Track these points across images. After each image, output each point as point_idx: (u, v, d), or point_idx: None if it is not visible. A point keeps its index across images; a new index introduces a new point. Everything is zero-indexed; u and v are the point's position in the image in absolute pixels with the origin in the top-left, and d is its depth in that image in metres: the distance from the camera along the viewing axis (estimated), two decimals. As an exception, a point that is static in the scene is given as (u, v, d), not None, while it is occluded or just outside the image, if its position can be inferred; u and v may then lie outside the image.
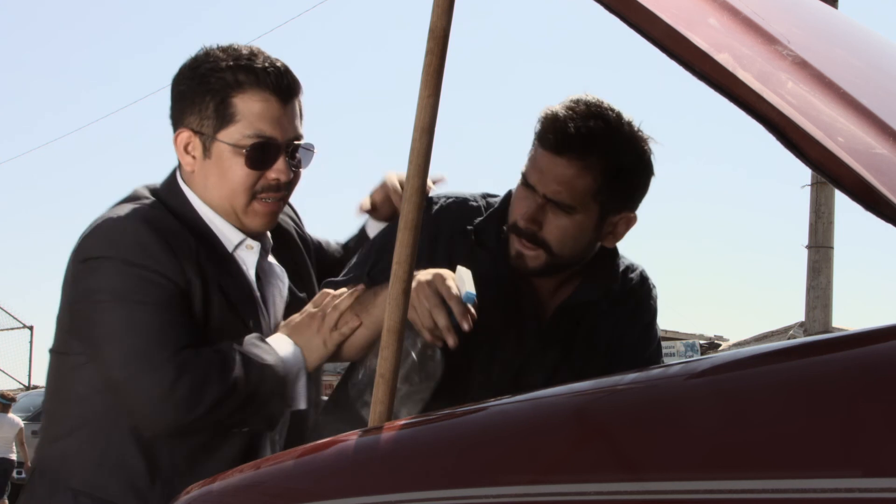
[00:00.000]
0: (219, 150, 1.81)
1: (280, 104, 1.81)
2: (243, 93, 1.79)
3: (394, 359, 1.36)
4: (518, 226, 1.87)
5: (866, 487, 0.78)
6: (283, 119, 1.81)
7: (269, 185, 1.82)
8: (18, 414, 14.85)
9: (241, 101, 1.79)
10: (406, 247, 1.38)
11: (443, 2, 1.39)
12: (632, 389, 1.03)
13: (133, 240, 1.74)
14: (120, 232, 1.76)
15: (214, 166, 1.82)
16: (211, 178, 1.83)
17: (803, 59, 1.03)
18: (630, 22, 1.09)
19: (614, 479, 0.94)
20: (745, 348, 0.97)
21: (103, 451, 1.78)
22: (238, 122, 1.79)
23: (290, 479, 1.32)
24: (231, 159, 1.80)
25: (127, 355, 1.70)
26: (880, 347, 0.85)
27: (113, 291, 1.73)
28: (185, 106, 1.84)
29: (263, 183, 1.82)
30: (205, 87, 1.80)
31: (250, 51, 1.84)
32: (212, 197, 1.85)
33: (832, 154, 0.92)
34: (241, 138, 1.78)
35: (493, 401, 1.16)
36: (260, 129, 1.79)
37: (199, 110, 1.81)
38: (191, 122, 1.83)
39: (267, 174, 1.82)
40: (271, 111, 1.80)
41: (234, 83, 1.79)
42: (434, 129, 1.42)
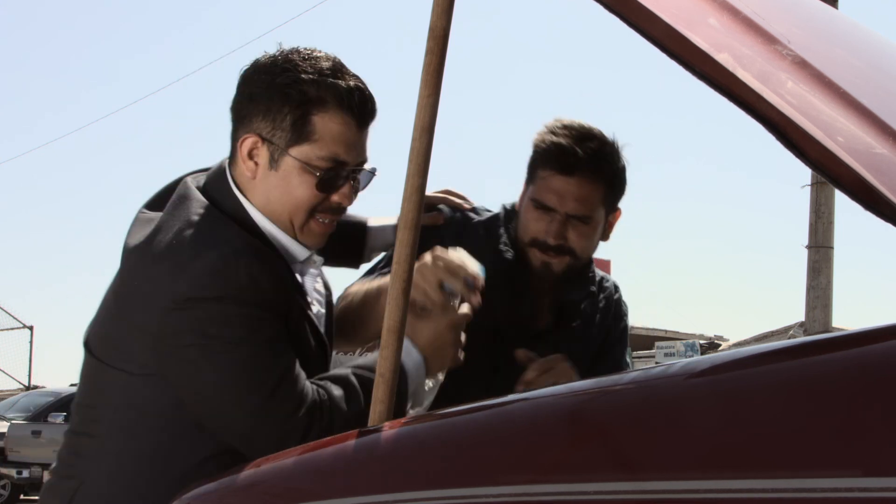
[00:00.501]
0: (288, 165, 1.74)
1: (357, 128, 1.76)
2: (325, 112, 1.73)
3: (394, 358, 1.36)
4: (547, 243, 2.14)
5: (866, 487, 0.78)
6: (358, 143, 1.77)
7: (330, 207, 1.77)
8: (18, 414, 14.87)
9: (322, 120, 1.72)
10: (406, 246, 1.38)
11: (443, 2, 1.39)
12: (631, 389, 1.03)
13: (245, 277, 1.64)
14: (227, 268, 1.64)
15: (280, 179, 1.75)
16: (274, 191, 1.76)
17: (803, 59, 1.03)
18: (630, 22, 1.09)
19: (614, 479, 0.94)
20: (745, 348, 0.97)
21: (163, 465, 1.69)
22: (315, 141, 1.72)
23: (290, 479, 1.32)
24: (300, 177, 1.74)
25: (246, 409, 1.61)
26: (880, 347, 0.85)
27: (221, 336, 1.62)
28: (256, 110, 1.75)
29: (326, 204, 1.77)
30: (283, 97, 1.73)
31: (333, 64, 1.76)
32: (272, 209, 1.77)
33: (832, 154, 0.92)
34: (314, 158, 1.72)
35: (492, 401, 1.16)
36: (335, 152, 1.73)
37: (274, 119, 1.73)
38: (261, 128, 1.75)
39: (331, 196, 1.76)
40: (348, 135, 1.74)
41: (317, 100, 1.72)
42: (434, 129, 1.42)
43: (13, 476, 13.79)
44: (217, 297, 1.62)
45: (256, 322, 1.63)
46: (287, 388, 1.61)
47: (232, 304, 1.62)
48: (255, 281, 1.64)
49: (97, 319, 1.80)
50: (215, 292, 1.62)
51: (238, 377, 1.61)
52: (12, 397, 17.67)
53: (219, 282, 1.62)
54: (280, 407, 1.59)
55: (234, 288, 1.63)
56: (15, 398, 16.95)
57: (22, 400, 16.15)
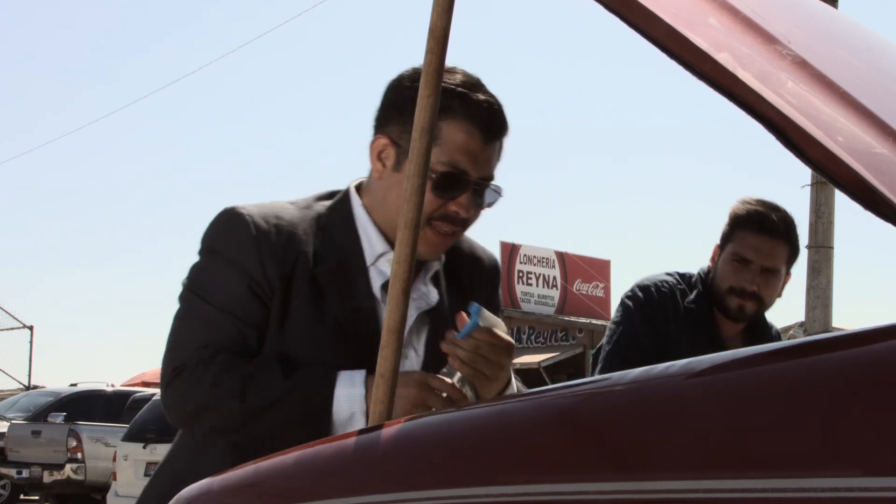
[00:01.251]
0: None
1: (482, 141, 1.79)
2: (451, 119, 1.77)
3: (394, 358, 1.36)
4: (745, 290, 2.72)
5: (866, 487, 0.78)
6: (481, 156, 1.79)
7: (447, 215, 1.80)
8: (18, 414, 14.86)
9: (447, 126, 1.76)
10: (406, 246, 1.38)
11: (443, 2, 1.39)
12: (631, 389, 1.03)
13: (223, 226, 1.83)
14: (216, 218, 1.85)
15: (401, 181, 1.77)
16: (393, 192, 1.81)
17: (803, 59, 1.03)
18: (630, 22, 1.09)
19: (614, 479, 0.94)
20: (746, 348, 0.97)
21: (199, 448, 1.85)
22: (437, 146, 1.73)
23: (290, 479, 1.32)
24: None
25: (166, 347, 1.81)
26: (880, 347, 0.85)
27: (190, 280, 1.83)
28: (391, 114, 1.83)
29: (443, 212, 1.79)
30: (414, 102, 1.75)
31: (470, 79, 1.82)
32: (388, 209, 1.82)
33: (832, 154, 0.92)
34: (434, 162, 1.74)
35: (492, 401, 1.16)
36: (455, 159, 1.77)
37: (404, 123, 1.77)
38: (392, 131, 1.82)
39: (449, 204, 1.79)
40: (471, 145, 1.78)
41: (446, 106, 1.74)
42: (434, 129, 1.42)
43: (13, 476, 13.78)
44: (206, 248, 1.82)
45: (218, 272, 1.79)
46: (184, 340, 1.77)
47: (206, 253, 1.83)
48: (231, 234, 1.80)
49: None
50: (205, 243, 1.83)
51: (175, 324, 1.81)
52: (12, 397, 17.67)
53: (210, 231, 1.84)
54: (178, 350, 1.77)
55: (212, 236, 1.82)
56: (15, 398, 16.95)
57: (22, 400, 16.14)
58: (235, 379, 1.71)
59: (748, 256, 2.72)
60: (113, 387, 15.53)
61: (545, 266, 22.57)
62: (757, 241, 2.72)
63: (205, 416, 1.75)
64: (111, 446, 12.49)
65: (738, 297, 2.74)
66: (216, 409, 1.74)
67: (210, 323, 1.77)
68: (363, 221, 1.86)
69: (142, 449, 10.90)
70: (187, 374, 1.73)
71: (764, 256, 2.72)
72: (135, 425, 11.37)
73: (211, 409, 1.74)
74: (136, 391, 15.01)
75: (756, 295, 2.73)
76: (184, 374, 1.73)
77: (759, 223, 2.73)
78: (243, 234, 1.78)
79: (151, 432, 10.98)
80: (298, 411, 1.71)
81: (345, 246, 1.83)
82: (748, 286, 2.72)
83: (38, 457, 13.61)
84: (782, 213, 2.76)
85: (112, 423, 13.44)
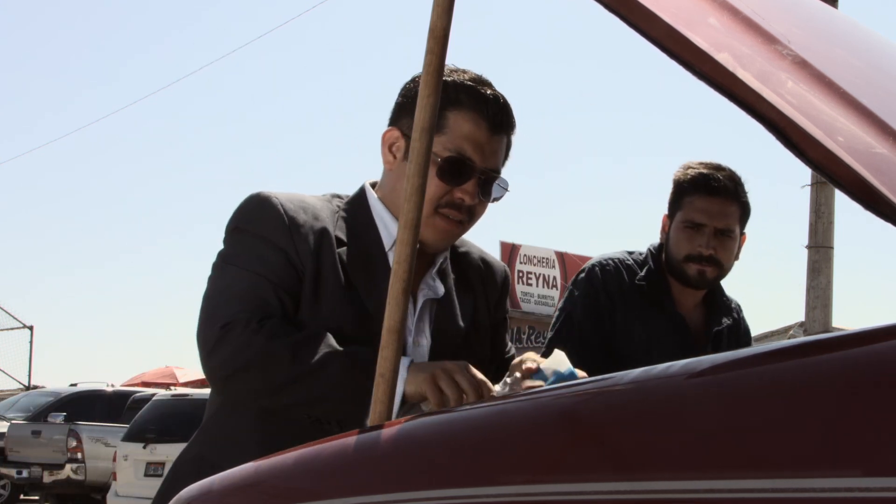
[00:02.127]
0: None
1: (488, 132, 1.86)
2: (458, 110, 1.85)
3: (394, 358, 1.37)
4: (702, 255, 2.64)
5: (866, 487, 0.78)
6: (486, 147, 1.86)
7: (452, 202, 1.86)
8: (18, 414, 14.86)
9: (454, 116, 1.85)
10: (406, 246, 1.38)
11: (443, 2, 1.39)
12: (631, 389, 1.03)
13: (253, 207, 1.87)
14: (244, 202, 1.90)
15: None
16: (403, 181, 1.78)
17: (803, 59, 1.03)
18: (630, 22, 1.09)
19: (614, 479, 0.94)
20: (746, 348, 0.97)
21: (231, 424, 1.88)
22: (444, 134, 1.83)
23: (290, 479, 1.32)
24: None
25: (203, 310, 1.83)
26: (880, 347, 0.85)
27: (222, 255, 1.88)
28: (403, 108, 1.91)
29: (448, 198, 1.86)
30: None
31: (480, 77, 1.91)
32: (397, 197, 1.87)
33: (832, 154, 0.92)
34: (440, 150, 1.82)
35: (493, 401, 1.16)
36: (461, 146, 1.84)
37: (414, 114, 1.81)
38: (403, 124, 1.89)
39: (454, 191, 1.86)
40: (477, 135, 1.85)
41: (454, 99, 1.84)
42: (434, 129, 1.42)
43: (13, 476, 13.77)
44: (235, 228, 1.87)
45: (251, 247, 1.83)
46: (226, 300, 1.79)
47: (235, 232, 1.87)
48: (262, 214, 1.84)
49: None
50: (234, 224, 1.88)
51: (211, 288, 1.84)
52: (12, 397, 17.67)
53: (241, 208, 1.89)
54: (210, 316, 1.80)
55: (240, 216, 1.87)
56: (15, 398, 16.95)
57: (22, 400, 16.14)
58: (288, 339, 1.74)
59: (700, 220, 2.66)
60: (113, 387, 15.53)
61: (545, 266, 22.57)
62: (706, 204, 2.66)
63: (253, 372, 1.75)
64: (111, 446, 12.50)
65: (695, 264, 2.67)
66: (267, 365, 1.74)
67: (250, 286, 1.80)
68: (378, 210, 1.93)
69: (142, 449, 10.91)
70: (239, 329, 1.75)
71: (715, 218, 2.65)
72: (135, 425, 11.37)
73: (261, 365, 1.74)
74: (136, 391, 15.01)
75: (713, 259, 2.66)
76: (235, 329, 1.75)
77: (706, 185, 2.66)
78: (273, 214, 1.84)
79: (151, 432, 10.99)
80: (345, 378, 1.71)
81: (364, 232, 1.90)
82: (704, 250, 2.65)
83: (38, 457, 13.61)
84: (727, 172, 2.69)
85: (112, 423, 13.44)
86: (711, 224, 2.64)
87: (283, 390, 1.76)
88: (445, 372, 1.67)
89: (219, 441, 1.87)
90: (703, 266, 2.66)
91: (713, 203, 2.65)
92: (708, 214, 2.65)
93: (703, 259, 2.65)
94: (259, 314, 1.77)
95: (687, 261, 2.67)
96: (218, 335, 1.77)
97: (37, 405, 14.83)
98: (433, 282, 1.97)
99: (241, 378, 1.78)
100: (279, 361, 1.73)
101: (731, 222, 2.66)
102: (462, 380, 1.65)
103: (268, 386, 1.76)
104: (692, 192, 2.67)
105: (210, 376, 1.84)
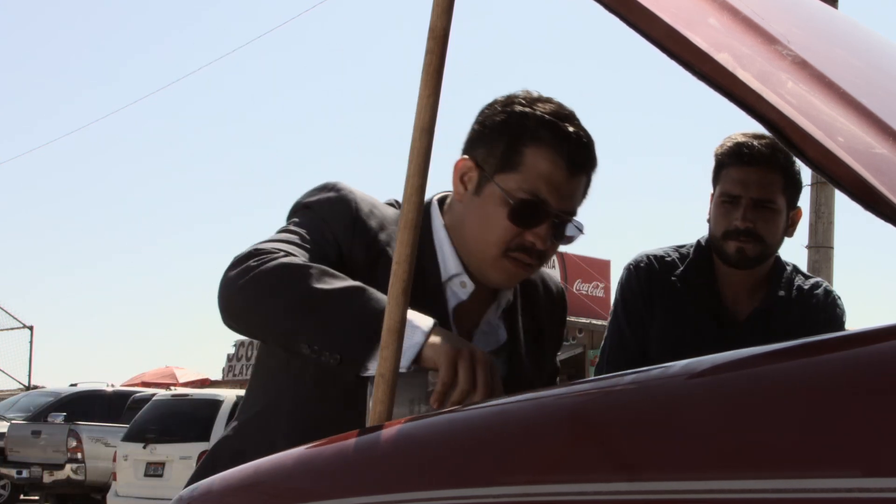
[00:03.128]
0: (490, 193, 1.74)
1: (567, 173, 1.72)
2: (536, 147, 1.72)
3: (394, 359, 1.36)
4: (738, 229, 2.38)
5: (866, 487, 0.78)
6: (564, 188, 1.73)
7: (523, 246, 1.73)
8: (18, 414, 14.86)
9: (531, 153, 1.72)
10: (406, 246, 1.38)
11: (443, 2, 1.39)
12: (632, 389, 1.03)
13: (327, 195, 1.79)
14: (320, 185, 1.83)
15: (480, 206, 1.75)
16: (471, 217, 1.77)
17: (803, 59, 1.03)
18: (630, 22, 1.09)
19: (615, 479, 0.94)
20: (746, 348, 0.97)
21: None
22: (519, 172, 1.72)
23: (290, 479, 1.32)
24: (496, 207, 1.73)
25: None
26: (880, 347, 0.85)
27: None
28: (479, 136, 1.79)
29: (519, 241, 1.73)
30: (503, 126, 1.75)
31: (563, 110, 1.77)
32: (464, 233, 1.79)
33: (832, 154, 0.92)
34: (514, 189, 1.71)
35: (493, 401, 1.16)
36: (536, 187, 1.71)
37: (490, 145, 1.75)
38: (478, 153, 1.77)
39: (526, 234, 1.72)
40: (555, 176, 1.72)
41: (533, 134, 1.72)
42: (434, 129, 1.42)
43: (13, 476, 13.79)
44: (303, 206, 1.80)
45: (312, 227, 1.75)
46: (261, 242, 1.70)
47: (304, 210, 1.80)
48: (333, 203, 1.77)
49: None
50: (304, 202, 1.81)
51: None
52: (12, 397, 17.68)
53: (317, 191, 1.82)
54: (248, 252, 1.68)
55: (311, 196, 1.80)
56: (15, 398, 16.96)
57: (22, 400, 16.16)
58: (308, 265, 1.62)
59: (735, 192, 2.40)
60: (113, 387, 15.55)
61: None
62: (741, 174, 2.40)
63: (267, 286, 1.61)
64: (111, 446, 12.51)
65: (733, 241, 2.41)
66: (283, 281, 1.60)
67: (296, 244, 1.70)
68: (440, 237, 1.82)
69: (142, 449, 10.91)
70: (263, 253, 1.65)
71: (751, 188, 2.39)
72: (135, 425, 11.39)
73: (278, 275, 1.60)
74: (136, 391, 15.03)
75: (752, 232, 2.38)
76: (259, 253, 1.65)
77: (740, 155, 2.41)
78: (344, 209, 1.76)
79: (151, 432, 11.00)
80: (366, 303, 1.57)
81: (422, 255, 1.72)
82: (741, 224, 2.38)
83: (38, 457, 13.62)
84: (767, 140, 2.40)
85: (112, 423, 13.46)
86: (748, 195, 2.39)
87: (294, 316, 1.59)
88: (470, 358, 1.51)
89: (257, 438, 1.75)
90: (741, 242, 2.40)
91: (749, 172, 2.40)
92: (743, 185, 2.40)
93: (740, 233, 2.40)
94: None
95: (725, 238, 2.43)
96: (238, 256, 1.67)
97: (37, 405, 14.84)
98: (496, 321, 1.85)
99: (252, 290, 1.62)
100: (297, 280, 1.59)
101: (769, 192, 2.39)
102: (481, 375, 1.50)
103: (275, 310, 1.60)
104: (728, 163, 2.44)
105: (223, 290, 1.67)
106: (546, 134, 1.72)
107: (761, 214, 2.39)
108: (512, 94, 1.80)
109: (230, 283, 1.65)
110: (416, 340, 1.53)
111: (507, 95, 1.80)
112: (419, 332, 1.54)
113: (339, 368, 1.55)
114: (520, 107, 1.75)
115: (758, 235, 2.39)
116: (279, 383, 1.79)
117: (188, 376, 22.34)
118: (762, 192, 2.38)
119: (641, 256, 2.58)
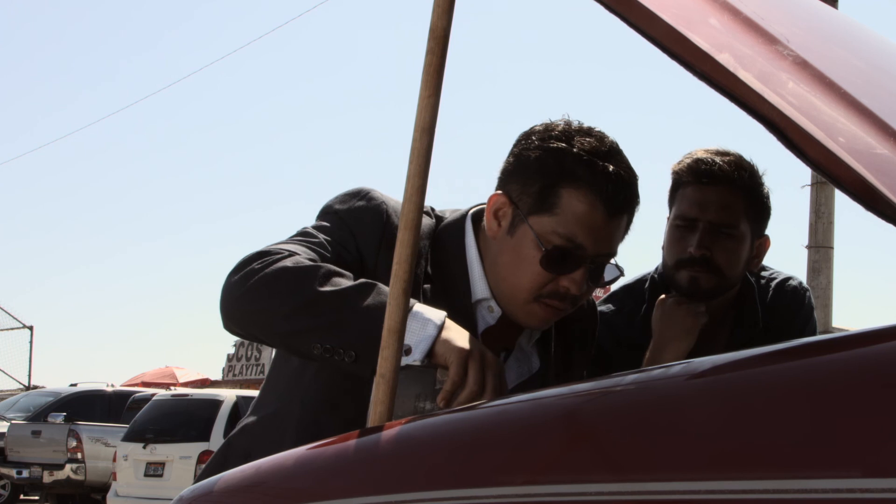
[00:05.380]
0: (523, 234, 1.65)
1: (606, 216, 1.62)
2: (574, 188, 1.61)
3: (394, 359, 1.36)
4: (693, 256, 2.09)
5: (866, 487, 0.78)
6: (602, 232, 1.63)
7: (556, 292, 1.64)
8: (18, 414, 14.86)
9: (568, 195, 1.61)
10: (406, 246, 1.38)
11: (443, 2, 1.39)
12: (632, 389, 1.03)
13: (358, 203, 1.72)
14: (356, 190, 1.75)
15: (512, 247, 1.67)
16: (503, 257, 1.68)
17: (804, 59, 1.03)
18: (630, 22, 1.09)
19: (614, 480, 0.94)
20: (746, 349, 0.97)
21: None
22: (555, 215, 1.62)
23: (291, 479, 1.32)
24: (529, 250, 1.64)
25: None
26: (880, 347, 0.85)
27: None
28: (515, 170, 1.68)
29: (552, 287, 1.64)
30: (539, 163, 1.64)
31: (603, 145, 1.65)
32: (496, 271, 1.70)
33: (832, 154, 0.92)
34: (549, 233, 1.62)
35: (493, 401, 1.16)
36: (573, 232, 1.61)
37: (525, 182, 1.66)
38: (512, 189, 1.67)
39: (560, 280, 1.63)
40: (593, 219, 1.61)
41: (570, 173, 1.61)
42: (434, 129, 1.42)
43: (13, 476, 13.79)
44: (332, 211, 1.73)
45: (336, 233, 1.69)
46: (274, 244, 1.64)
47: (331, 215, 1.72)
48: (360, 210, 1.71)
49: None
50: (332, 205, 1.74)
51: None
52: (12, 397, 17.69)
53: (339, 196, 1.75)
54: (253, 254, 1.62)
55: (341, 199, 1.74)
56: (15, 398, 16.97)
57: (22, 400, 16.16)
58: (317, 265, 1.58)
59: (691, 214, 2.10)
60: (113, 387, 15.55)
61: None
62: (698, 194, 2.10)
63: (272, 284, 1.56)
64: (111, 446, 12.52)
65: (686, 269, 2.10)
66: (289, 282, 1.55)
67: (307, 245, 1.64)
68: (472, 258, 1.73)
69: (142, 449, 10.92)
70: (267, 255, 1.60)
71: (709, 210, 2.08)
72: (135, 425, 11.39)
73: (284, 277, 1.56)
74: (136, 391, 15.04)
75: (707, 259, 2.07)
76: (263, 255, 1.60)
77: (697, 172, 2.10)
78: (374, 223, 1.69)
79: (151, 432, 11.00)
80: (379, 298, 1.52)
81: (453, 277, 1.72)
82: (695, 251, 2.07)
83: (38, 457, 13.63)
84: (732, 157, 2.12)
85: (112, 423, 13.47)
86: (705, 218, 2.08)
87: (299, 312, 1.54)
88: (481, 359, 1.47)
89: (265, 441, 1.71)
90: (694, 271, 2.09)
91: (706, 192, 2.09)
92: (700, 206, 2.09)
93: (694, 262, 2.09)
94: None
95: (677, 266, 2.13)
96: (245, 257, 1.62)
97: (37, 405, 14.85)
98: (529, 349, 1.79)
99: (259, 288, 1.56)
100: (303, 278, 1.55)
101: (729, 216, 2.08)
102: (490, 377, 1.46)
103: (280, 307, 1.55)
104: (685, 181, 2.14)
105: (226, 297, 1.61)
106: (584, 173, 1.61)
107: (719, 241, 2.09)
108: (550, 125, 1.69)
109: (232, 288, 1.61)
110: (429, 333, 1.49)
111: (544, 125, 1.69)
112: (431, 324, 1.50)
113: (354, 367, 1.51)
114: (557, 142, 1.65)
115: (714, 265, 2.09)
116: (292, 388, 1.76)
117: (188, 376, 22.36)
118: (721, 215, 2.09)
119: (604, 303, 2.29)
